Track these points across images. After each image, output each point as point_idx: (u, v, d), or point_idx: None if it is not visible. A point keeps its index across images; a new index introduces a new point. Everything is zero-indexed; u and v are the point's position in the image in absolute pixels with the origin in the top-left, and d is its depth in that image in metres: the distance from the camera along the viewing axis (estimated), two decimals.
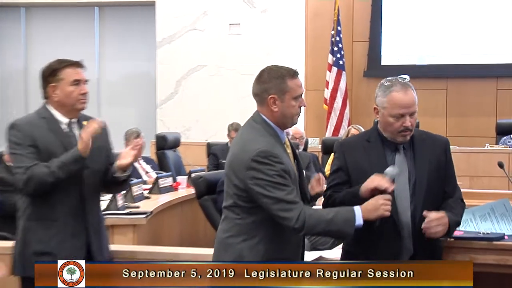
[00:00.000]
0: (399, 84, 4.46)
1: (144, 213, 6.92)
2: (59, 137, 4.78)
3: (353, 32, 13.75)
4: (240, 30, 13.20)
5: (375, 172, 4.35)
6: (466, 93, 13.12)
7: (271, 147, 4.33)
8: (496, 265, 4.74)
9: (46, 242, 4.79)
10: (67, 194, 4.77)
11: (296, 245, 4.50)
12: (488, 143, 11.38)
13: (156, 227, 7.10)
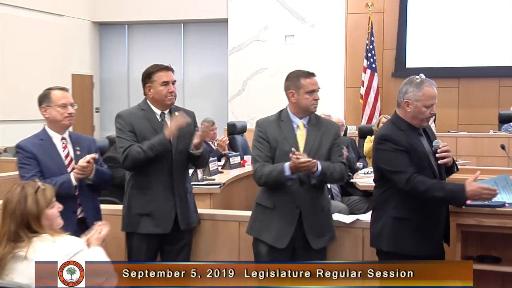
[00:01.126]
0: (427, 82, 4.46)
1: (218, 184, 6.97)
2: (153, 125, 4.89)
3: (384, 41, 13.67)
4: (293, 40, 13.22)
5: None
6: (474, 89, 12.99)
7: (266, 122, 4.80)
8: (498, 227, 4.72)
9: (144, 206, 4.88)
10: (160, 169, 4.85)
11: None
12: (492, 130, 11.29)
13: (227, 195, 7.14)
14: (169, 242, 4.98)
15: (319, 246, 4.71)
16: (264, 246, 4.71)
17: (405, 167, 4.37)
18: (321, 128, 4.76)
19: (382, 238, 4.54)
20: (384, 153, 4.49)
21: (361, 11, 13.65)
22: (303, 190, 4.65)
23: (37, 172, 4.55)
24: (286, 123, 4.77)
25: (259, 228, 4.77)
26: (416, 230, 4.43)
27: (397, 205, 4.48)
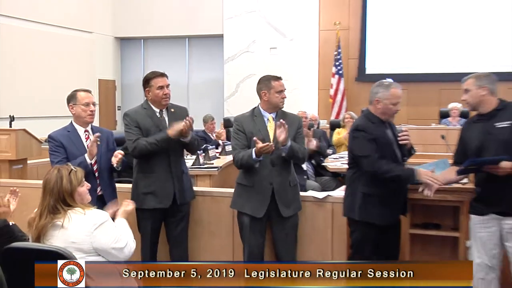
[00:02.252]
0: (394, 84, 4.53)
1: (216, 167, 6.99)
2: (153, 120, 4.89)
3: (348, 52, 13.66)
4: (276, 51, 13.22)
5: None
6: (420, 91, 13.01)
7: (242, 117, 4.89)
8: (438, 200, 4.69)
9: (148, 186, 4.89)
10: (160, 156, 4.85)
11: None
12: (434, 123, 11.31)
13: (224, 176, 7.11)
14: (170, 215, 5.00)
15: (288, 215, 4.76)
16: (246, 217, 4.78)
17: (371, 152, 4.41)
18: (286, 121, 4.71)
19: (353, 209, 4.58)
20: (357, 140, 4.54)
21: (331, 28, 13.63)
22: (274, 170, 4.70)
23: (64, 158, 4.61)
24: (259, 117, 4.82)
25: (241, 203, 4.83)
26: (380, 203, 4.45)
27: (366, 183, 4.50)
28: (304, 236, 5.01)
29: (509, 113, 4.22)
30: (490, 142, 4.19)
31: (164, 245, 5.12)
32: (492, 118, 4.24)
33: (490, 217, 4.27)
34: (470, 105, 4.35)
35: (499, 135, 4.17)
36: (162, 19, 14.45)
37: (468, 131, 4.40)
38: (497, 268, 4.33)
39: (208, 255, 5.26)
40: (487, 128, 4.24)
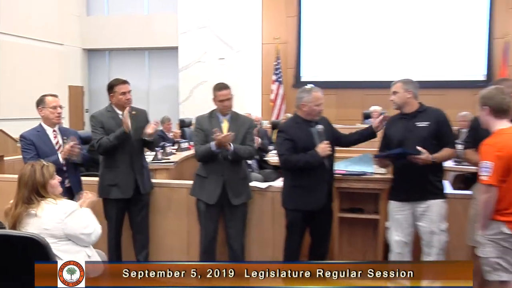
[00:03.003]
0: (315, 88, 4.55)
1: (173, 162, 6.95)
2: (116, 121, 4.81)
3: (287, 62, 13.73)
4: (225, 61, 13.14)
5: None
6: (346, 96, 13.17)
7: (201, 118, 4.86)
8: (361, 188, 4.76)
9: (113, 179, 4.85)
10: (123, 152, 4.81)
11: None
12: (358, 123, 11.46)
13: (179, 170, 7.05)
14: (133, 204, 4.96)
15: (238, 203, 4.77)
16: (202, 203, 4.80)
17: (285, 151, 4.48)
18: (238, 122, 4.79)
19: (286, 199, 4.64)
20: (277, 140, 4.65)
21: (271, 42, 13.67)
22: (225, 163, 4.70)
23: (35, 155, 4.52)
24: (215, 118, 4.80)
25: (198, 191, 4.83)
26: (305, 192, 4.47)
27: (292, 176, 4.56)
28: (250, 221, 5.02)
29: (428, 115, 4.34)
30: (410, 138, 4.29)
31: (127, 230, 5.08)
32: (413, 118, 4.35)
33: (405, 202, 4.37)
34: (397, 105, 4.44)
35: (418, 132, 4.29)
36: (125, 33, 14.29)
37: (392, 128, 4.48)
38: (411, 243, 4.44)
39: (166, 238, 5.23)
40: (409, 126, 4.34)
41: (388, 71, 12.63)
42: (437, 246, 4.32)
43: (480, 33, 12.62)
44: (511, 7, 12.55)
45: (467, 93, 12.22)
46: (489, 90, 3.78)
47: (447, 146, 4.30)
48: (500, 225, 3.62)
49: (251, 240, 5.05)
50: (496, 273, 3.68)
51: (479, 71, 12.55)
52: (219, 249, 4.94)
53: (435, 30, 12.77)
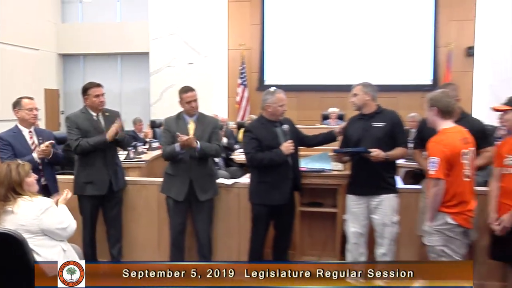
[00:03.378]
0: (278, 91, 4.55)
1: (144, 161, 6.85)
2: (91, 123, 4.76)
3: (251, 67, 13.69)
4: (193, 66, 13.02)
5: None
6: (306, 98, 13.21)
7: (169, 120, 4.81)
8: (321, 184, 4.81)
9: (88, 176, 4.77)
10: (97, 152, 4.74)
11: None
12: (318, 124, 11.53)
13: (150, 168, 6.96)
14: (107, 200, 4.90)
15: (205, 199, 4.74)
16: (171, 200, 4.76)
17: (251, 150, 4.48)
18: (204, 123, 4.77)
19: (253, 194, 4.62)
20: (244, 139, 4.63)
21: (237, 48, 13.61)
22: (192, 162, 4.67)
23: (12, 155, 4.43)
24: (182, 120, 4.76)
25: (167, 188, 4.79)
26: (271, 188, 4.46)
27: (258, 173, 4.55)
28: (217, 215, 4.99)
29: (384, 116, 4.40)
30: (367, 137, 4.34)
31: (101, 226, 5.00)
32: (371, 118, 4.39)
33: (361, 196, 4.41)
34: (356, 106, 4.48)
35: (374, 132, 4.33)
36: (98, 39, 14.07)
37: (351, 127, 4.52)
38: (366, 234, 4.48)
39: (139, 233, 5.17)
40: (366, 126, 4.39)
41: (345, 76, 12.72)
42: (389, 237, 4.38)
43: (426, 42, 12.85)
44: (451, 19, 12.83)
45: (415, 96, 12.40)
46: (437, 93, 3.85)
47: (400, 145, 4.36)
48: (445, 216, 3.70)
49: (218, 233, 5.03)
50: (441, 260, 3.75)
51: (426, 76, 12.76)
52: (187, 242, 4.91)
53: (387, 39, 12.93)
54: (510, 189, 3.78)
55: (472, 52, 12.52)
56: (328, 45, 13.20)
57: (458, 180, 3.69)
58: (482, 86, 12.19)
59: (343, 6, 13.12)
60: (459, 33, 12.73)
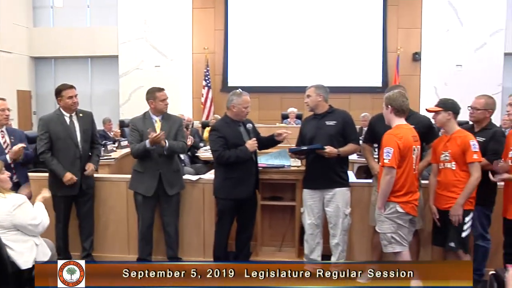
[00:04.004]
0: (244, 92, 4.55)
1: (113, 159, 6.78)
2: (64, 126, 4.67)
3: (215, 69, 13.65)
4: (160, 69, 12.96)
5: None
6: (267, 99, 13.22)
7: (136, 119, 4.76)
8: (280, 179, 4.83)
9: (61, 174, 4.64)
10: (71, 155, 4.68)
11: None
12: (278, 123, 11.57)
13: (120, 165, 6.90)
14: (79, 197, 4.82)
15: (173, 193, 4.72)
16: (139, 196, 4.72)
17: (219, 148, 4.46)
18: (170, 122, 4.74)
19: (218, 189, 4.61)
20: (210, 137, 4.60)
21: (201, 52, 13.55)
22: (160, 159, 4.64)
23: None
24: (148, 119, 4.73)
25: (136, 185, 4.74)
26: (236, 183, 4.48)
27: (225, 170, 4.53)
28: (183, 209, 4.97)
29: (336, 115, 4.47)
30: (320, 135, 4.41)
31: (74, 220, 4.92)
32: (323, 117, 4.45)
33: (316, 190, 4.47)
34: (310, 107, 4.53)
35: (327, 130, 4.40)
36: (69, 43, 13.80)
37: (306, 126, 4.58)
38: (321, 225, 4.54)
39: (109, 227, 5.11)
40: (319, 124, 4.44)
41: (303, 78, 12.81)
42: (342, 228, 4.45)
43: (377, 48, 13.06)
44: (399, 27, 13.08)
45: (367, 97, 12.64)
46: (394, 93, 3.94)
47: (351, 142, 4.44)
48: (395, 205, 3.81)
49: (184, 227, 5.01)
50: (391, 246, 3.87)
51: (377, 79, 12.96)
52: (155, 234, 4.87)
53: (341, 44, 13.08)
54: (446, 182, 3.93)
55: (419, 57, 12.79)
56: (288, 49, 13.28)
57: (408, 172, 3.83)
58: (428, 88, 12.49)
59: (301, 14, 13.21)
60: (406, 39, 12.99)
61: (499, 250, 4.15)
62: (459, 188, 3.85)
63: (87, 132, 4.77)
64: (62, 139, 4.64)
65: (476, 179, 3.81)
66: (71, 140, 4.67)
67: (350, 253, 4.73)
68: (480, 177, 3.82)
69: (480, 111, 4.18)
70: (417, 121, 4.16)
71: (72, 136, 4.67)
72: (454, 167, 3.89)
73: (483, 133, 4.18)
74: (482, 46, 12.22)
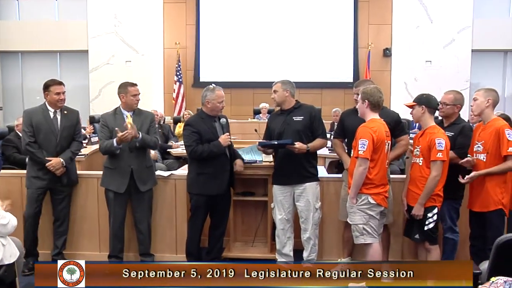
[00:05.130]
0: (218, 87, 4.57)
1: (84, 155, 6.66)
2: (47, 119, 4.64)
3: (186, 65, 13.55)
4: (131, 64, 12.81)
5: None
6: (240, 94, 13.18)
7: (106, 115, 4.73)
8: (252, 174, 4.84)
9: (37, 171, 4.63)
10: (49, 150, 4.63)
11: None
12: (250, 118, 11.58)
13: (90, 162, 6.81)
14: (56, 194, 4.78)
15: (145, 189, 4.70)
16: (111, 192, 4.69)
17: (192, 143, 4.47)
18: (142, 117, 4.72)
19: (191, 185, 4.61)
20: (184, 132, 4.58)
21: (172, 47, 13.40)
22: (132, 155, 4.62)
23: None
24: (119, 115, 4.70)
25: (107, 181, 4.71)
26: (209, 179, 4.48)
27: (198, 165, 4.54)
28: (155, 205, 4.94)
29: (303, 110, 4.50)
30: (288, 130, 4.44)
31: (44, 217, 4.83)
32: (291, 113, 4.49)
33: (286, 185, 4.50)
34: (277, 102, 4.56)
35: (294, 125, 4.44)
36: (37, 37, 13.45)
37: (273, 121, 4.61)
38: (292, 220, 4.58)
39: (80, 224, 5.04)
40: (287, 120, 4.47)
41: (275, 73, 12.81)
42: (313, 222, 4.49)
43: (348, 44, 13.15)
44: (370, 23, 13.21)
45: (339, 93, 12.73)
46: (371, 89, 4.00)
47: (319, 136, 4.48)
48: (367, 197, 3.90)
49: (156, 222, 4.99)
50: (363, 237, 3.94)
51: (348, 74, 13.05)
52: (127, 231, 4.84)
53: (313, 40, 13.13)
54: (415, 177, 4.01)
55: (389, 53, 12.94)
56: (260, 44, 13.28)
57: (380, 165, 3.91)
58: (399, 83, 12.67)
59: (273, 9, 13.21)
60: (377, 35, 13.13)
61: (467, 242, 4.24)
62: (422, 184, 3.93)
63: (69, 130, 4.74)
64: (43, 133, 4.62)
65: (434, 178, 3.87)
66: (52, 135, 4.64)
67: (321, 247, 4.77)
68: (439, 176, 3.88)
69: (449, 106, 4.27)
70: (386, 115, 4.23)
71: (54, 131, 4.65)
72: (421, 163, 3.97)
73: (452, 128, 4.27)
74: (451, 42, 12.46)
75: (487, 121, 4.05)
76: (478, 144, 4.02)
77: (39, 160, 4.59)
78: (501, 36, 12.53)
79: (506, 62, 13.07)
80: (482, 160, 3.98)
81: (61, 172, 4.65)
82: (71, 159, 4.80)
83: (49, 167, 4.57)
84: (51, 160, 4.58)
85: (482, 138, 4.01)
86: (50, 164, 4.57)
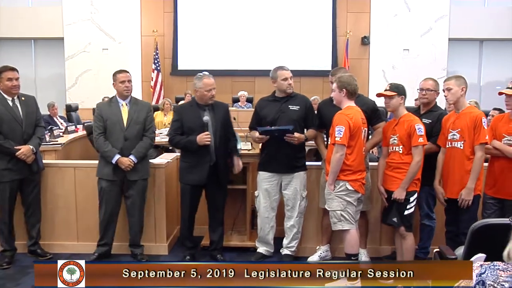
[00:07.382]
0: (206, 75, 4.56)
1: (60, 144, 6.61)
2: (6, 108, 4.51)
3: (164, 53, 13.44)
4: (108, 52, 12.62)
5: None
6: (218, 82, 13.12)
7: (102, 104, 4.75)
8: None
9: (6, 163, 4.52)
10: (15, 140, 4.52)
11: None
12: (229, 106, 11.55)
13: (67, 151, 6.75)
14: (25, 184, 4.68)
15: (135, 178, 4.64)
16: (104, 181, 4.65)
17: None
18: (138, 106, 4.69)
19: (179, 173, 4.62)
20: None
21: (150, 35, 13.31)
22: (126, 144, 4.58)
23: None
24: (115, 103, 4.65)
25: (101, 170, 4.65)
26: (190, 168, 4.49)
27: (182, 153, 4.63)
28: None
29: (299, 100, 4.56)
30: (282, 118, 4.47)
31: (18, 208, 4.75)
32: (287, 101, 4.53)
33: (273, 174, 4.52)
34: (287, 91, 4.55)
35: (290, 114, 4.47)
36: (10, 23, 13.20)
37: (266, 108, 4.59)
38: (276, 208, 4.61)
39: (56, 213, 4.99)
40: (282, 108, 4.49)
41: (253, 62, 12.85)
42: (298, 211, 4.53)
43: (326, 32, 13.20)
44: (348, 11, 13.27)
45: (317, 81, 12.78)
46: (347, 77, 4.03)
47: (311, 127, 4.52)
48: (345, 183, 3.94)
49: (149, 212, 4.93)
50: (341, 224, 3.98)
51: (327, 62, 13.11)
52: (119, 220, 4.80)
53: (291, 28, 13.15)
54: (394, 164, 4.05)
55: (368, 41, 13.02)
56: (238, 32, 13.24)
57: (357, 151, 3.96)
58: (377, 71, 12.76)
59: None
60: (356, 23, 13.19)
61: (443, 228, 4.32)
62: (404, 170, 3.98)
63: (31, 116, 4.63)
64: (6, 122, 4.49)
65: (417, 163, 3.94)
66: (16, 123, 4.52)
67: (301, 234, 4.80)
68: (421, 161, 3.95)
69: (432, 91, 4.33)
70: (362, 103, 4.27)
71: (17, 119, 4.53)
72: (401, 151, 4.02)
73: (429, 115, 4.32)
74: (428, 31, 12.58)
75: (460, 109, 4.09)
76: (454, 132, 4.06)
77: (8, 150, 4.47)
78: (477, 26, 12.71)
79: (481, 51, 13.26)
80: (459, 148, 4.02)
81: (32, 159, 4.56)
82: (39, 145, 4.72)
83: (20, 155, 4.47)
84: (20, 149, 4.49)
85: (457, 126, 4.05)
86: (21, 152, 4.48)
